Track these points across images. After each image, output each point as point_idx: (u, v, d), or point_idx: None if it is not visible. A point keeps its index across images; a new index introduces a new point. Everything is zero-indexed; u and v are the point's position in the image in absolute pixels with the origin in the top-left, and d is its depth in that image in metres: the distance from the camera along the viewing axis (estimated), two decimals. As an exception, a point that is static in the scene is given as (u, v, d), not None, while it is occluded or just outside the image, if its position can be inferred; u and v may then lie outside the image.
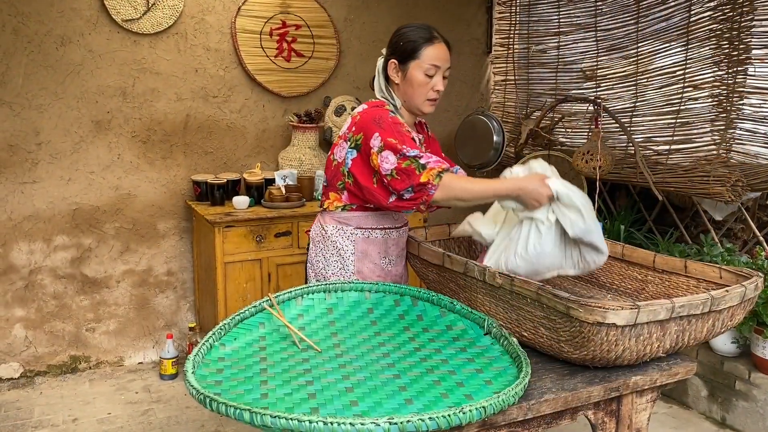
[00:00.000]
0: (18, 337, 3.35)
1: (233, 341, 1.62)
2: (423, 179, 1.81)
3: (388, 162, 1.84)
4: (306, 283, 2.09)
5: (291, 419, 1.17)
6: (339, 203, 2.01)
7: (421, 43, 1.96)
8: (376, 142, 1.88)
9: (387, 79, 2.03)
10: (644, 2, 3.40)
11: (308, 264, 2.11)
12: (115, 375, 3.47)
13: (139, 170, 3.51)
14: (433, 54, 1.96)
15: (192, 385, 1.32)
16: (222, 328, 1.62)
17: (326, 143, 3.75)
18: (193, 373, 1.38)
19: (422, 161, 1.83)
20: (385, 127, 1.89)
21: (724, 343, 2.98)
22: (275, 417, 1.18)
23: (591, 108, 3.57)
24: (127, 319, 3.58)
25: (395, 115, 1.99)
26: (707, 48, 3.11)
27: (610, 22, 3.63)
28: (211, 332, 1.59)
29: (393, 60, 2.00)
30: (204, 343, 1.54)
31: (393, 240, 2.06)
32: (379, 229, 2.02)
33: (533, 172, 1.85)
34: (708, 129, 3.13)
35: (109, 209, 3.47)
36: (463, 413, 1.23)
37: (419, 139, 2.08)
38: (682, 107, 3.23)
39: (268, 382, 1.43)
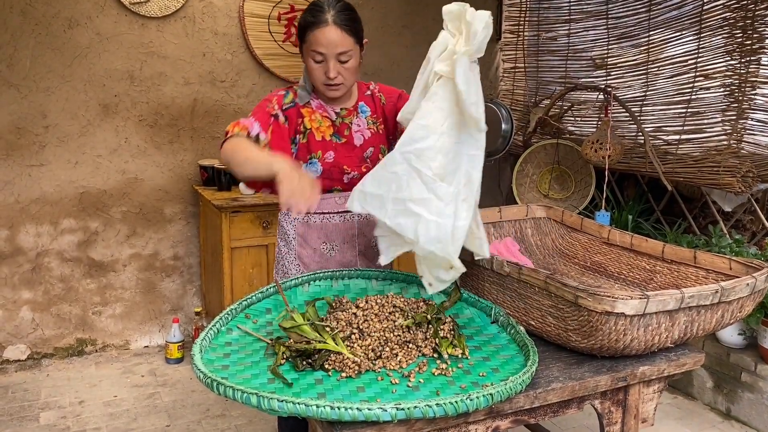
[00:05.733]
0: (25, 319, 3.37)
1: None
2: (228, 128, 1.78)
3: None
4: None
5: (298, 404, 1.17)
6: None
7: (306, 27, 1.79)
8: None
9: None
10: (657, -10, 3.37)
11: None
12: (121, 358, 3.49)
13: (146, 154, 3.50)
14: (316, 40, 1.77)
15: (200, 369, 1.32)
16: (229, 313, 1.62)
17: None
18: (200, 357, 1.38)
19: (243, 122, 1.79)
20: (258, 103, 1.92)
21: (730, 335, 2.97)
22: (283, 401, 1.18)
23: (601, 96, 3.54)
24: (133, 303, 3.59)
25: (287, 93, 1.96)
26: (720, 37, 3.07)
27: (622, 10, 3.59)
28: (218, 317, 1.59)
29: (297, 38, 1.88)
30: (212, 328, 1.54)
31: (334, 225, 1.94)
32: (317, 213, 1.93)
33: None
34: (719, 119, 3.10)
35: (116, 193, 3.47)
36: (470, 400, 1.23)
37: (336, 117, 1.99)
38: (693, 97, 3.20)
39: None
